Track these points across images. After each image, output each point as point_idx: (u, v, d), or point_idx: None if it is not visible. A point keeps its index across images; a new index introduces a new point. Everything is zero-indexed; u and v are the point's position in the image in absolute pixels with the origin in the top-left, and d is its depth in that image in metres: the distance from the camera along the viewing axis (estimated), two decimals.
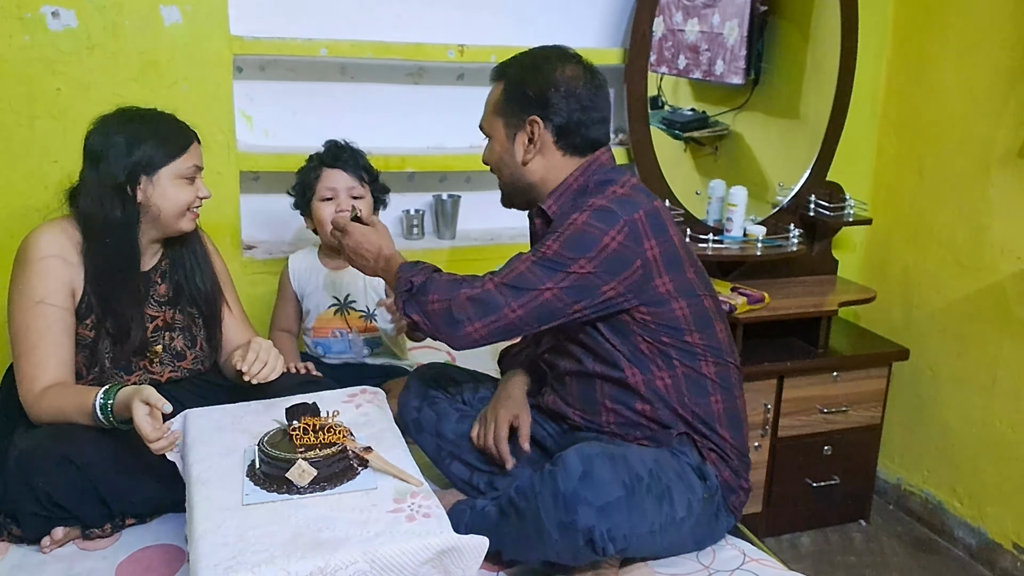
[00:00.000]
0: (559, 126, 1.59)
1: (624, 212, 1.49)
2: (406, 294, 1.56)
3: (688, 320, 1.55)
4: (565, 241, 1.48)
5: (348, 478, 1.38)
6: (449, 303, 1.50)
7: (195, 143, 1.68)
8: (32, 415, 1.58)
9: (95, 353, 1.65)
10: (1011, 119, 2.41)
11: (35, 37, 2.01)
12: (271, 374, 1.61)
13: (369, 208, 2.02)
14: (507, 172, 1.66)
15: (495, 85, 1.66)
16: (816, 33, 2.76)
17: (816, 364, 2.51)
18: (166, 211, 1.65)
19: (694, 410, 1.56)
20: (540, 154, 1.61)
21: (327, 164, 2.00)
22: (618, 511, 1.35)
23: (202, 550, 1.21)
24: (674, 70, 2.79)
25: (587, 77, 1.60)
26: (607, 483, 1.36)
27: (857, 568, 2.52)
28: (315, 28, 2.29)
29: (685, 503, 1.47)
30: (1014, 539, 2.47)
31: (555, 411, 1.70)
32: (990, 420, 2.53)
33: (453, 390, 1.81)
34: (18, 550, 1.52)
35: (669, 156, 2.67)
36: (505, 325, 1.49)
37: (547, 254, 1.49)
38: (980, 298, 2.56)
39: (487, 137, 1.69)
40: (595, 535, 1.34)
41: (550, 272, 1.48)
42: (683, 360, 1.56)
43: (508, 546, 1.47)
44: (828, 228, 2.80)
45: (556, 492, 1.36)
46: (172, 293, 1.75)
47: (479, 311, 1.48)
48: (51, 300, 1.59)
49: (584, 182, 1.61)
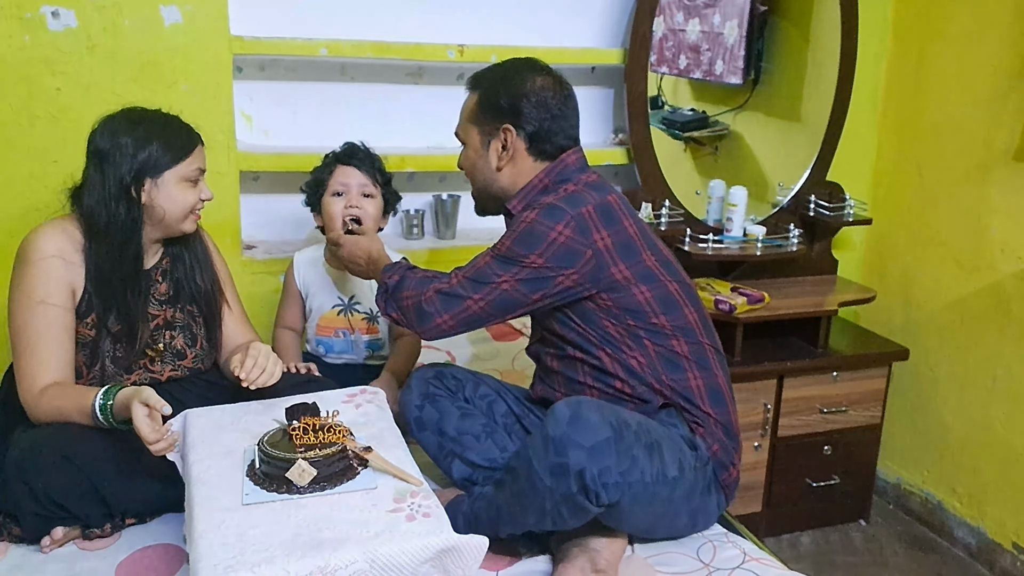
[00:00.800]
0: (531, 134, 1.68)
1: (571, 207, 1.59)
2: (384, 294, 1.71)
3: (651, 303, 1.62)
4: (517, 238, 1.59)
5: (348, 478, 1.38)
6: (420, 298, 1.64)
7: (199, 146, 1.69)
8: (32, 415, 1.58)
9: (96, 352, 1.65)
10: (1011, 119, 2.41)
11: (35, 37, 2.01)
12: (269, 380, 1.61)
13: (378, 210, 2.03)
14: (480, 177, 1.75)
15: (470, 95, 1.75)
16: (816, 33, 2.76)
17: (816, 364, 2.51)
18: (170, 213, 1.66)
19: (672, 385, 1.62)
20: (512, 160, 1.70)
21: (341, 161, 2.01)
22: (608, 452, 1.38)
23: (202, 550, 1.21)
24: (675, 70, 2.79)
25: (556, 88, 1.69)
26: (595, 424, 1.40)
27: (857, 568, 2.52)
28: (315, 28, 2.30)
29: (676, 463, 1.49)
30: (1014, 539, 2.47)
31: (544, 399, 1.75)
32: (990, 420, 2.53)
33: (454, 388, 1.82)
34: (18, 550, 1.52)
35: (669, 156, 2.68)
36: (470, 315, 1.62)
37: (502, 251, 1.61)
38: (980, 298, 2.56)
39: (463, 144, 1.78)
40: (586, 478, 1.37)
41: (506, 267, 1.59)
42: (653, 340, 1.63)
43: (504, 516, 1.50)
44: (828, 228, 2.80)
45: (546, 437, 1.41)
46: (172, 291, 1.75)
47: (445, 304, 1.62)
48: (51, 300, 1.59)
49: (547, 182, 1.70)
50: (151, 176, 1.62)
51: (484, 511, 1.53)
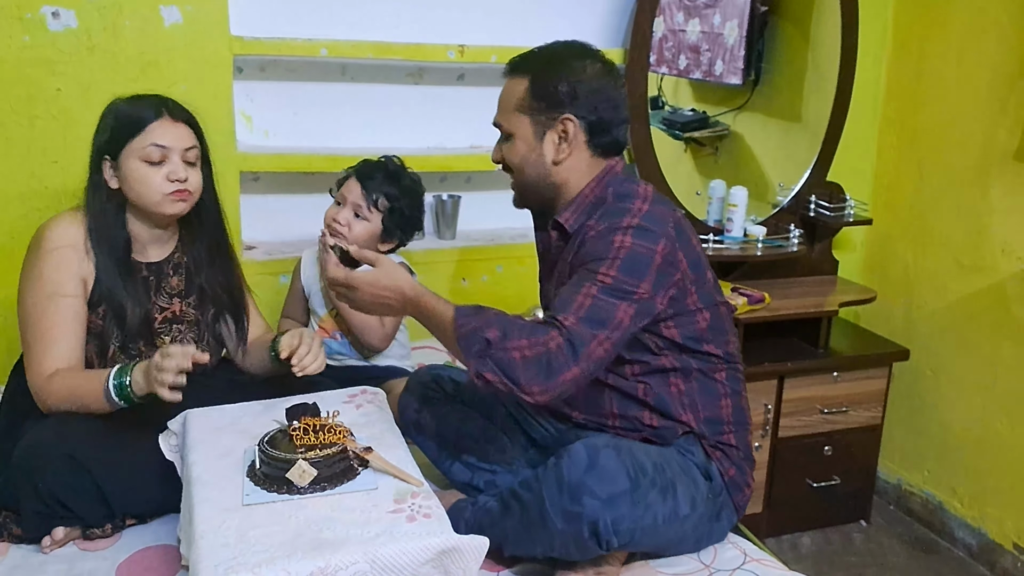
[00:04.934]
0: (592, 124, 1.53)
1: (658, 226, 1.47)
2: (478, 350, 1.37)
3: (709, 330, 1.54)
4: (621, 266, 1.43)
5: (348, 478, 1.38)
6: (542, 349, 1.35)
7: (158, 120, 1.59)
8: (41, 400, 1.58)
9: (103, 341, 1.65)
10: (1011, 119, 2.41)
11: (35, 37, 2.01)
12: (319, 368, 1.60)
13: (365, 234, 1.95)
14: (532, 173, 1.58)
15: (515, 81, 1.57)
16: (816, 33, 2.76)
17: (816, 364, 2.51)
18: (142, 196, 1.61)
19: (704, 415, 1.56)
20: (571, 154, 1.55)
21: (355, 173, 1.99)
22: (623, 503, 1.35)
23: (203, 550, 1.21)
24: (674, 70, 2.79)
25: (615, 74, 1.56)
26: (613, 474, 1.35)
27: (857, 568, 2.52)
28: (315, 28, 2.29)
29: (689, 499, 1.47)
30: (1014, 539, 2.47)
31: (557, 411, 1.70)
32: (990, 420, 2.53)
33: (453, 392, 1.81)
34: (18, 550, 1.51)
35: (669, 156, 2.68)
36: (597, 361, 1.39)
37: (608, 282, 1.42)
38: (980, 298, 2.56)
39: (506, 135, 1.60)
40: (600, 526, 1.34)
41: (619, 299, 1.42)
42: (699, 369, 1.56)
43: (510, 540, 1.47)
44: (828, 228, 2.79)
45: (561, 481, 1.36)
46: (184, 286, 1.74)
47: (572, 353, 1.36)
48: (63, 291, 1.59)
49: (600, 194, 1.56)
50: (110, 156, 1.60)
51: (489, 529, 1.45)
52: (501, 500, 1.50)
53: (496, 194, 2.58)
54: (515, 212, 1.74)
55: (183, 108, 1.66)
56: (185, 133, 1.64)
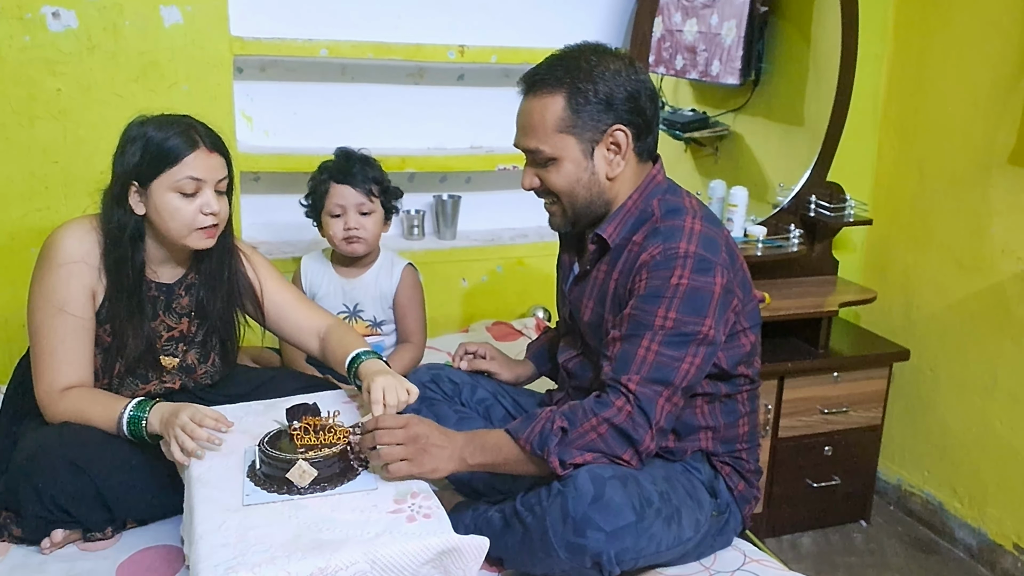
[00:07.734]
0: (638, 127, 1.45)
1: (713, 254, 1.41)
2: (561, 442, 1.37)
3: (750, 352, 1.52)
4: (680, 306, 1.38)
5: (348, 478, 1.39)
6: (616, 423, 1.36)
7: (195, 151, 1.54)
8: (49, 414, 1.56)
9: (110, 357, 1.63)
10: (1011, 120, 2.41)
11: (35, 37, 2.01)
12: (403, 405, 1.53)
13: (378, 225, 1.99)
14: (585, 194, 1.48)
15: (544, 99, 1.44)
16: (816, 33, 2.76)
17: (816, 365, 2.51)
18: (171, 229, 1.56)
19: (721, 436, 1.56)
20: (625, 165, 1.47)
21: (336, 179, 1.98)
22: (628, 536, 1.34)
23: (203, 550, 1.21)
24: (671, 70, 2.79)
25: (637, 65, 1.47)
26: (619, 508, 1.33)
27: (858, 568, 2.52)
28: (315, 28, 2.29)
29: (693, 523, 1.46)
30: (1015, 540, 2.47)
31: None
32: (990, 420, 2.53)
33: (451, 392, 1.81)
34: (18, 550, 1.51)
35: (669, 157, 2.65)
36: (669, 414, 1.39)
37: (669, 326, 1.37)
38: (980, 299, 2.56)
39: (545, 160, 1.47)
40: (603, 559, 1.33)
41: (682, 346, 1.38)
42: (727, 394, 1.54)
43: (511, 556, 1.46)
44: (828, 229, 2.79)
45: (566, 513, 1.34)
46: (194, 307, 1.70)
47: (644, 419, 1.36)
48: (71, 308, 1.56)
49: (643, 206, 1.49)
50: (140, 184, 1.54)
51: (490, 540, 1.41)
52: (503, 516, 1.47)
53: (496, 194, 2.59)
54: (515, 212, 1.75)
55: (213, 133, 1.60)
56: (218, 164, 1.58)
